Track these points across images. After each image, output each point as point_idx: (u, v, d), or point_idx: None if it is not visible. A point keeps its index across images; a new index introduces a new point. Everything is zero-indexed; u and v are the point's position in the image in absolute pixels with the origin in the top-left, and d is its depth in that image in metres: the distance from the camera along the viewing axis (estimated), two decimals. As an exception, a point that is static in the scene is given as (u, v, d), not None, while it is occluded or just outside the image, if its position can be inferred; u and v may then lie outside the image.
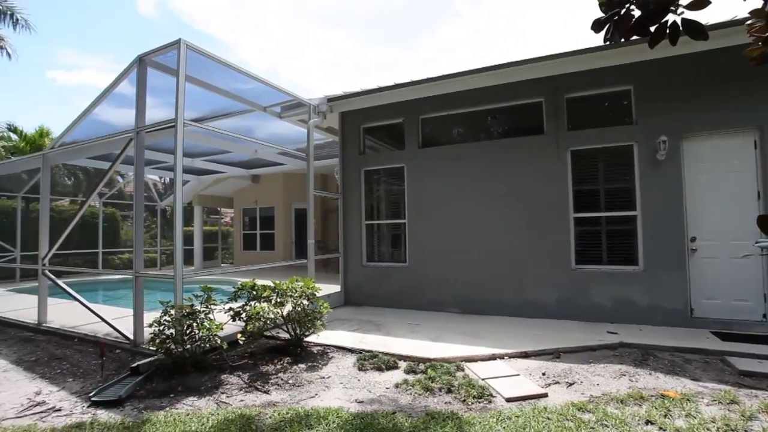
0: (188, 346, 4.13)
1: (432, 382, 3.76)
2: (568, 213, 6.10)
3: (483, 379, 3.85)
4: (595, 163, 6.11)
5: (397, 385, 3.79)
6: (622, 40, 1.89)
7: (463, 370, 4.15)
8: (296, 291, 4.86)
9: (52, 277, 6.07)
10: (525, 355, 4.53)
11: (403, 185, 7.41)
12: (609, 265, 5.90)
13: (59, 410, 3.46)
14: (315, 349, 4.94)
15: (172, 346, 4.08)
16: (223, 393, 3.72)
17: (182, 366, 4.16)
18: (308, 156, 6.98)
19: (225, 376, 4.12)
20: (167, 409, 3.40)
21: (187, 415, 3.25)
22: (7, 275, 11.71)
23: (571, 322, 5.86)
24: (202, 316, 4.28)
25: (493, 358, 4.47)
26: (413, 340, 5.13)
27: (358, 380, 3.98)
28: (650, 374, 3.92)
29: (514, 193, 6.45)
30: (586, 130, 6.06)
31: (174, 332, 4.11)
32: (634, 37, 1.93)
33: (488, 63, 6.01)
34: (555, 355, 4.52)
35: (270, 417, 3.17)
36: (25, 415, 3.37)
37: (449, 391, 3.61)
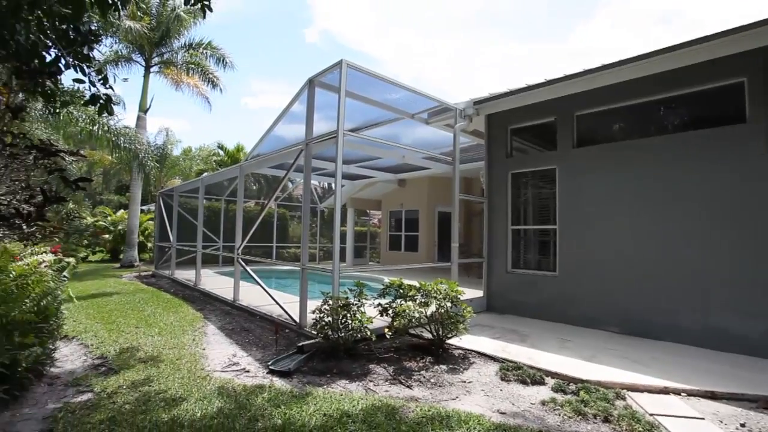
0: (342, 333, 4.61)
1: (585, 406, 3.39)
2: (784, 223, 4.75)
3: (651, 414, 3.30)
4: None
5: (543, 403, 3.54)
6: None
7: (624, 399, 3.63)
8: (440, 293, 4.96)
9: (243, 264, 7.49)
10: (712, 396, 3.71)
11: (553, 188, 6.86)
12: None
13: (248, 371, 4.27)
14: (456, 352, 4.95)
15: (330, 332, 4.62)
16: (370, 381, 4.04)
17: (337, 351, 4.67)
18: (454, 160, 7.05)
19: (372, 365, 4.46)
20: (324, 387, 3.86)
21: (341, 395, 3.63)
22: (214, 260, 14.92)
23: (786, 363, 4.54)
24: (355, 308, 4.73)
25: (665, 391, 3.79)
26: (562, 357, 4.70)
27: (500, 390, 3.85)
28: None
29: (696, 195, 5.34)
30: (815, 115, 4.63)
31: (331, 320, 4.64)
32: None
33: (665, 44, 5.09)
34: (761, 403, 3.57)
35: (413, 411, 3.32)
36: (226, 371, 4.25)
37: (606, 420, 3.20)
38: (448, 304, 4.92)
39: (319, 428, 2.99)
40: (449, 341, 5.05)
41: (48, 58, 2.75)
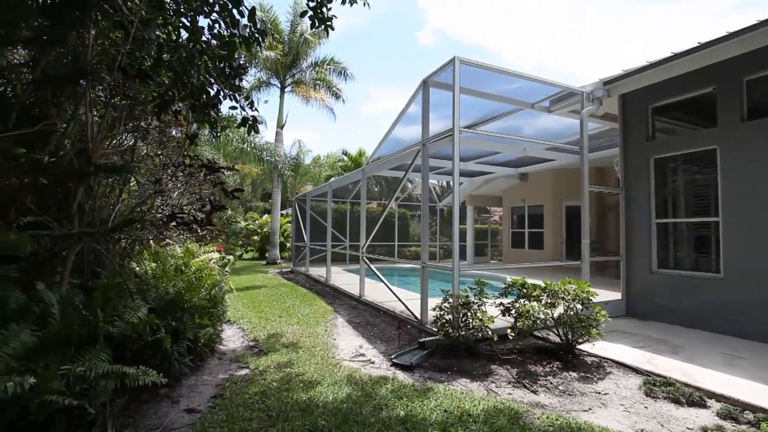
0: (463, 332, 4.60)
1: (765, 439, 2.78)
2: None
3: None
4: None
5: (704, 430, 3.00)
6: None
7: (827, 436, 2.86)
8: (569, 293, 4.59)
9: (368, 262, 7.98)
10: None
11: (713, 173, 5.73)
12: None
13: (372, 363, 4.57)
14: (588, 360, 4.52)
15: (450, 330, 4.64)
16: (492, 382, 3.95)
17: (457, 349, 4.67)
18: (582, 149, 6.42)
19: (494, 366, 4.35)
20: (445, 383, 3.90)
21: (461, 393, 3.64)
22: (341, 258, 16.20)
23: None
24: (476, 307, 4.67)
25: None
26: (732, 377, 3.90)
27: (645, 407, 3.39)
28: None
29: None
30: None
31: (451, 318, 4.67)
32: None
33: None
34: None
35: (538, 418, 3.15)
36: (354, 361, 4.62)
37: (798, 460, 2.58)
38: (578, 306, 4.52)
39: (440, 424, 3.05)
40: (580, 347, 4.63)
41: (212, 93, 3.39)
